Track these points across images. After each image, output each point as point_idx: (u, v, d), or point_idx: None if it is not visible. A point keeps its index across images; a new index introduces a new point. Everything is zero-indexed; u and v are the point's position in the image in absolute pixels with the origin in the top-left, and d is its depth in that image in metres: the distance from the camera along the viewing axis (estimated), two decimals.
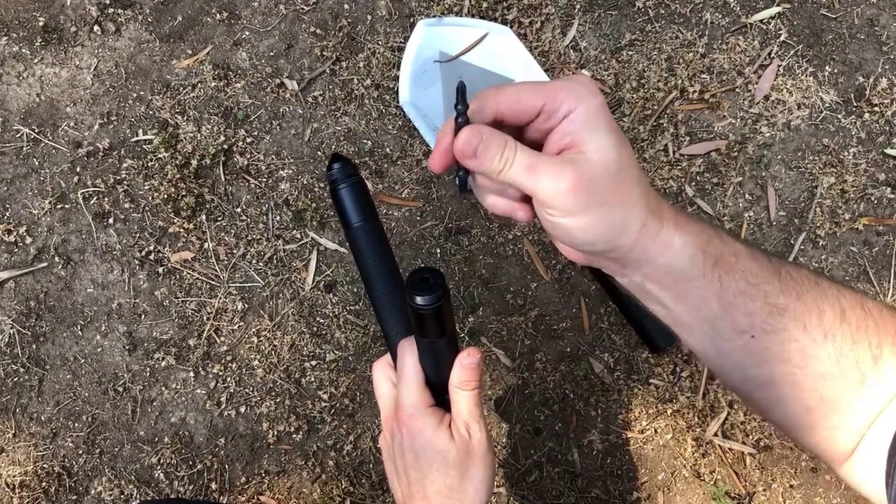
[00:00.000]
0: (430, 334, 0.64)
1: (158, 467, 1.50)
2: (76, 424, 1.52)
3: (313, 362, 1.52)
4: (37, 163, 1.58)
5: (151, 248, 1.55)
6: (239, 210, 1.56)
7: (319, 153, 1.58)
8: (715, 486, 1.47)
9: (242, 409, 1.51)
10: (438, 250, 1.55)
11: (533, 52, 1.59)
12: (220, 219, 1.55)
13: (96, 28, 1.63)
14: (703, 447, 1.48)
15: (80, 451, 1.51)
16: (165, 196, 1.53)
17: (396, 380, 0.69)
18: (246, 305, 1.53)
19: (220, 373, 1.51)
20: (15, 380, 1.52)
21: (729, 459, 1.48)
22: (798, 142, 1.56)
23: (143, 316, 1.54)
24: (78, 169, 1.58)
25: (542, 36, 1.61)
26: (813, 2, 1.62)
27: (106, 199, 1.56)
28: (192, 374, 1.51)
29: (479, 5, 1.60)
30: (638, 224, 0.53)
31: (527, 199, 0.56)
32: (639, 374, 1.51)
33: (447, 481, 0.67)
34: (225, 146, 1.56)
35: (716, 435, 1.48)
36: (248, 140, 1.58)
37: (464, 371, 0.67)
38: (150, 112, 1.59)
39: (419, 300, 0.61)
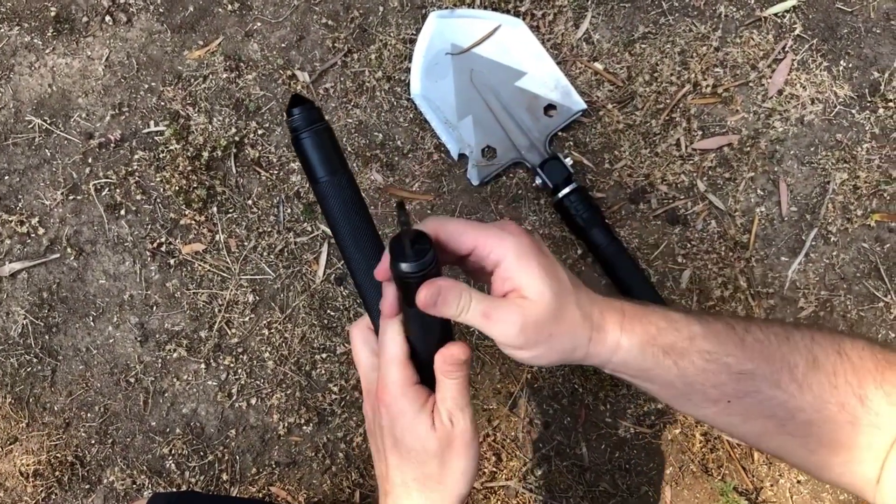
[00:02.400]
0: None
1: (170, 458, 1.51)
2: (89, 415, 1.53)
3: (324, 355, 1.53)
4: (49, 154, 1.58)
5: (163, 239, 1.55)
6: (250, 202, 1.56)
7: None
8: (723, 481, 1.48)
9: (253, 401, 1.52)
10: None
11: (545, 45, 1.58)
12: (231, 211, 1.56)
13: (108, 18, 1.62)
14: (712, 442, 1.49)
15: (93, 441, 1.52)
16: (177, 188, 1.53)
17: (378, 350, 0.65)
18: (257, 298, 1.54)
19: (231, 364, 1.52)
20: (28, 370, 1.54)
21: (737, 455, 1.48)
22: (811, 137, 1.56)
23: (154, 307, 1.55)
24: (90, 160, 1.58)
25: (554, 28, 1.60)
26: None
27: (118, 190, 1.57)
28: (203, 365, 1.52)
29: None
30: (585, 341, 0.60)
31: None
32: None
33: (426, 470, 0.64)
34: (236, 138, 1.56)
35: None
36: (260, 132, 1.58)
37: (448, 362, 0.63)
38: (162, 103, 1.59)
39: (405, 267, 0.55)
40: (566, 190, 1.47)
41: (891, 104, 1.55)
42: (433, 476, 0.65)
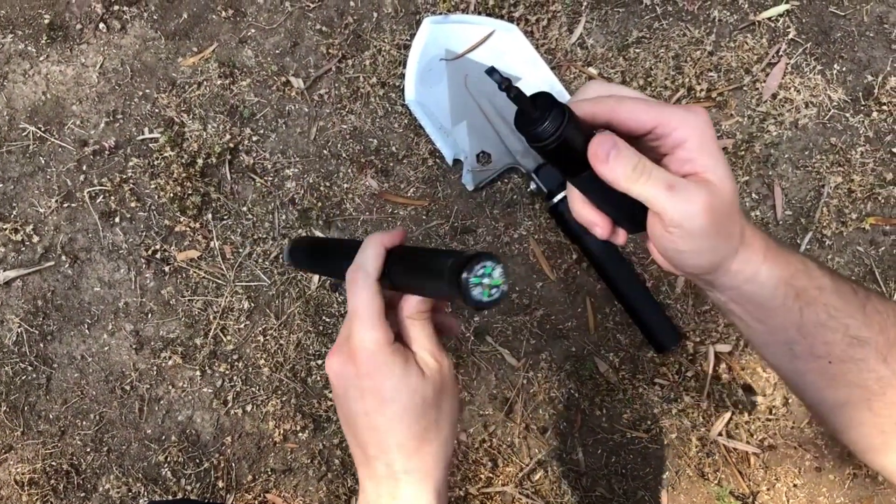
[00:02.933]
0: (578, 160, 0.53)
1: (165, 465, 1.51)
2: (84, 423, 1.53)
3: (319, 361, 1.52)
4: (43, 161, 1.58)
5: (158, 246, 1.55)
6: (245, 209, 1.56)
7: (325, 151, 1.58)
8: (719, 485, 1.47)
9: (249, 408, 1.52)
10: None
11: (539, 50, 1.58)
12: (226, 217, 1.56)
13: (102, 25, 1.62)
14: (708, 447, 1.49)
15: (88, 449, 1.52)
16: (171, 195, 1.53)
17: (349, 315, 0.61)
18: (252, 304, 1.54)
19: (227, 371, 1.52)
20: (23, 378, 1.53)
21: (733, 459, 1.48)
22: (805, 141, 1.56)
23: (149, 315, 1.54)
24: (84, 167, 1.58)
25: (548, 33, 1.60)
26: None
27: (112, 197, 1.56)
28: (198, 372, 1.52)
29: (485, 3, 1.59)
30: (733, 252, 0.57)
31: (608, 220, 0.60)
32: (644, 374, 1.51)
33: (423, 423, 0.62)
34: (231, 145, 1.56)
35: (720, 435, 1.48)
36: (254, 138, 1.58)
37: (416, 307, 0.62)
38: (156, 110, 1.59)
39: (545, 128, 0.50)
40: (561, 195, 1.47)
41: (885, 107, 1.55)
42: (430, 427, 0.62)
